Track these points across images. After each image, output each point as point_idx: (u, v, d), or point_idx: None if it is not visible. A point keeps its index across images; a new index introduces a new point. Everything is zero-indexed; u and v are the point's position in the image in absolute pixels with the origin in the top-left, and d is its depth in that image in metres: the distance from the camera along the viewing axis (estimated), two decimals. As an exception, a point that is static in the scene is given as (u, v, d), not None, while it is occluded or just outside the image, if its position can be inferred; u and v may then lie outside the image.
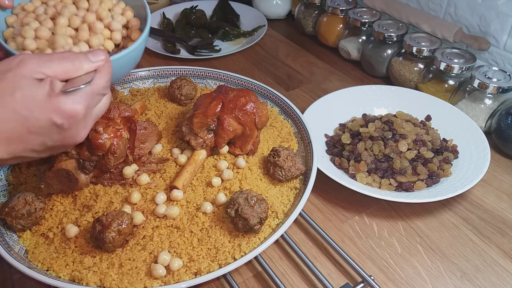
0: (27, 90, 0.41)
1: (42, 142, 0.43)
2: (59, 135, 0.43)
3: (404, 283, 0.54)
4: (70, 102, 0.42)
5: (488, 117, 0.74)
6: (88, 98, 0.44)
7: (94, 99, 0.45)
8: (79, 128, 0.44)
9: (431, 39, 0.84)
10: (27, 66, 0.42)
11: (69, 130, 0.43)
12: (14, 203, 0.54)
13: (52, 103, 0.41)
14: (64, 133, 0.43)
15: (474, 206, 0.64)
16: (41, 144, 0.43)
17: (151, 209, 0.57)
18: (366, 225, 0.61)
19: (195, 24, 1.07)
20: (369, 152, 0.67)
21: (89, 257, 0.52)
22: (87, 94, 0.44)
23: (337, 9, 0.97)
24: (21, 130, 0.41)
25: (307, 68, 0.96)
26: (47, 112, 0.41)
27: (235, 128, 0.64)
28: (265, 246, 0.52)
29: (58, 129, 0.42)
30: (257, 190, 0.60)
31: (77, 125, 0.44)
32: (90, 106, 0.45)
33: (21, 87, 0.41)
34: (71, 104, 0.42)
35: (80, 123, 0.44)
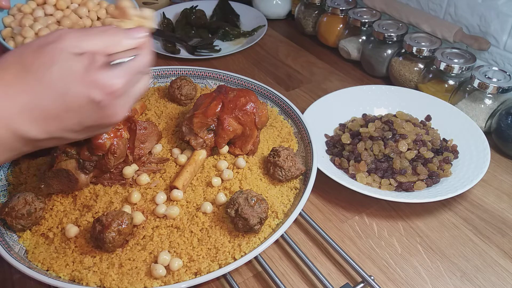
0: (65, 64, 0.39)
1: (79, 121, 0.40)
2: (97, 114, 0.41)
3: (404, 283, 0.54)
4: (110, 77, 0.40)
5: (488, 117, 0.74)
6: (129, 74, 0.42)
7: (135, 76, 0.43)
8: (117, 107, 0.42)
9: (431, 39, 0.84)
10: (65, 40, 0.40)
11: (107, 108, 0.41)
12: (14, 203, 0.54)
13: (91, 77, 0.39)
14: (102, 112, 0.41)
15: (474, 206, 0.64)
16: (78, 123, 0.41)
17: (151, 209, 0.57)
18: (366, 225, 0.61)
19: (195, 24, 1.07)
20: (369, 152, 0.67)
21: (89, 257, 0.52)
22: (129, 70, 0.42)
23: (337, 9, 0.97)
24: (58, 107, 0.39)
25: (307, 68, 0.96)
26: (86, 87, 0.39)
27: (235, 128, 0.64)
28: (265, 246, 0.52)
29: (96, 106, 0.40)
30: (257, 190, 0.60)
31: (116, 103, 0.41)
32: (131, 83, 0.42)
33: (58, 61, 0.39)
34: (111, 79, 0.40)
35: (119, 101, 0.41)
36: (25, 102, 0.38)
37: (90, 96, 0.39)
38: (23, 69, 0.39)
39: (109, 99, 0.40)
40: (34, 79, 0.38)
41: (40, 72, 0.38)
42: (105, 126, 0.43)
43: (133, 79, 0.43)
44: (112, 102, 0.41)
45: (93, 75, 0.39)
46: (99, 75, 0.39)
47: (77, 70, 0.39)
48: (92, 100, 0.39)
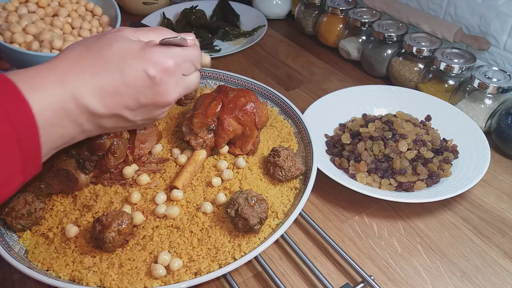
0: (124, 44, 0.43)
1: (135, 97, 0.43)
2: (152, 90, 0.44)
3: (404, 283, 0.54)
4: (164, 55, 0.44)
5: (488, 117, 0.74)
6: (180, 57, 0.45)
7: (185, 63, 0.47)
8: (169, 86, 0.45)
9: (431, 39, 0.84)
10: (125, 31, 0.46)
11: (161, 85, 0.44)
12: (14, 203, 0.54)
13: (146, 55, 0.43)
14: (156, 88, 0.44)
15: (474, 206, 0.64)
16: (135, 99, 0.43)
17: (151, 209, 0.57)
18: (366, 225, 0.61)
19: (195, 24, 1.07)
20: (369, 152, 0.67)
21: (89, 257, 0.52)
22: (178, 54, 0.45)
23: (337, 9, 0.97)
24: (117, 82, 0.42)
25: (307, 68, 0.96)
26: (142, 62, 0.43)
27: (235, 128, 0.64)
28: (265, 246, 0.52)
29: (151, 82, 0.43)
30: (257, 190, 0.60)
31: (167, 81, 0.44)
32: (181, 67, 0.46)
33: (118, 41, 0.43)
34: (164, 57, 0.44)
35: (170, 79, 0.45)
36: (88, 76, 0.41)
37: (145, 71, 0.43)
38: (87, 49, 0.43)
39: (162, 75, 0.44)
40: (96, 56, 0.42)
41: (102, 50, 0.43)
42: (159, 105, 0.46)
43: (184, 65, 0.47)
44: (165, 79, 0.44)
45: (148, 53, 0.43)
46: (153, 53, 0.44)
47: (134, 48, 0.44)
48: (147, 75, 0.43)
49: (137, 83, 0.43)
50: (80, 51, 0.43)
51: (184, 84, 0.48)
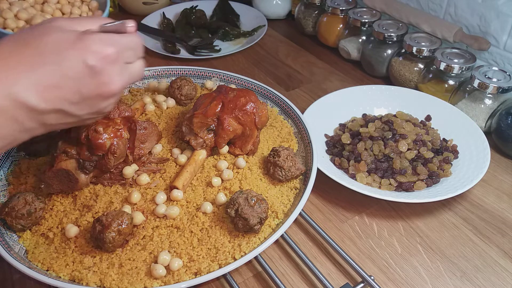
0: (58, 33, 0.41)
1: (77, 89, 0.41)
2: (93, 80, 0.42)
3: (404, 283, 0.54)
4: (102, 42, 0.42)
5: (488, 117, 0.74)
6: (119, 44, 0.43)
7: (126, 50, 0.44)
8: (112, 74, 0.43)
9: (431, 39, 0.84)
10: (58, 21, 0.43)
11: (102, 74, 0.42)
12: (14, 203, 0.54)
13: (83, 43, 0.41)
14: (98, 78, 0.42)
15: (474, 206, 0.64)
16: (77, 92, 0.41)
17: (151, 209, 0.57)
18: (366, 225, 0.61)
19: (195, 24, 1.07)
20: (369, 152, 0.67)
21: (89, 257, 0.52)
22: (118, 41, 0.43)
23: (337, 9, 0.97)
24: (56, 74, 0.40)
25: (307, 68, 0.96)
26: (79, 52, 0.41)
27: (235, 128, 0.64)
28: (265, 246, 0.52)
29: (91, 71, 0.41)
30: (257, 190, 0.60)
31: (110, 69, 0.42)
32: (123, 55, 0.44)
33: (51, 32, 0.41)
34: (103, 44, 0.42)
35: (113, 67, 0.42)
36: (22, 70, 0.39)
37: (84, 60, 0.40)
38: (20, 43, 0.41)
39: (103, 63, 0.41)
40: (30, 49, 0.40)
41: (36, 42, 0.40)
42: (103, 96, 0.43)
43: (125, 53, 0.44)
44: (107, 68, 0.42)
45: (85, 41, 0.41)
46: (91, 41, 0.41)
47: (70, 38, 0.41)
48: (86, 65, 0.41)
49: (76, 74, 0.41)
50: (13, 46, 0.41)
51: (129, 73, 0.45)
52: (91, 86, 0.42)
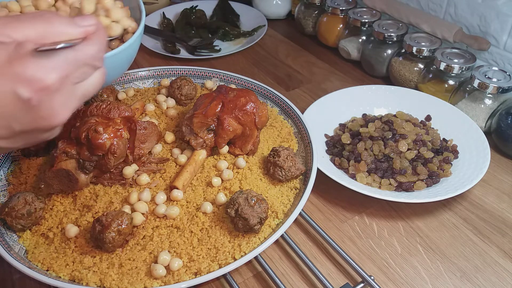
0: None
1: (7, 124, 0.33)
2: (29, 115, 0.33)
3: (404, 283, 0.54)
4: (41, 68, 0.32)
5: (488, 117, 0.74)
6: (67, 65, 0.34)
7: (77, 69, 0.35)
8: (54, 106, 0.33)
9: (431, 39, 0.84)
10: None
11: (40, 108, 0.32)
12: (14, 203, 0.54)
13: (14, 69, 0.31)
14: (34, 112, 0.33)
15: (474, 206, 0.64)
16: (6, 128, 0.33)
17: (151, 209, 0.57)
18: (366, 225, 0.61)
19: (195, 24, 1.07)
20: (369, 152, 0.67)
21: (89, 257, 0.52)
22: (66, 60, 0.34)
23: (337, 9, 0.97)
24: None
25: (307, 68, 0.96)
26: (8, 80, 0.31)
27: (235, 128, 0.64)
28: (265, 246, 0.52)
29: (26, 105, 0.32)
30: (257, 190, 0.60)
31: (50, 100, 0.33)
32: (71, 77, 0.34)
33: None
34: (40, 71, 0.32)
35: (55, 98, 0.33)
36: None
37: (14, 91, 0.31)
38: None
39: (41, 96, 0.32)
40: None
41: None
42: (44, 130, 0.35)
43: (76, 72, 0.35)
44: (46, 100, 0.33)
45: (17, 66, 0.31)
46: (26, 66, 0.32)
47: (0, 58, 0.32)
48: (18, 97, 0.31)
49: (5, 108, 0.32)
50: None
51: (77, 95, 0.36)
52: (25, 121, 0.33)
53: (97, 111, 0.59)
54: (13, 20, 0.33)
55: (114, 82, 0.79)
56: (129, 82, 0.81)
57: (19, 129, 0.33)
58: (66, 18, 0.35)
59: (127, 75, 0.81)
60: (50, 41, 0.33)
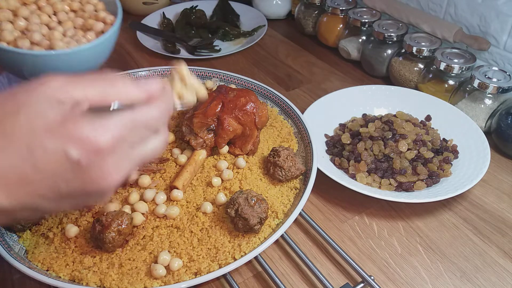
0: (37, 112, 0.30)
1: (53, 185, 0.31)
2: (77, 177, 0.31)
3: (404, 283, 0.54)
4: (93, 128, 0.30)
5: (488, 117, 0.74)
6: (124, 127, 0.32)
7: (134, 131, 0.33)
8: (105, 169, 0.31)
9: (431, 39, 0.84)
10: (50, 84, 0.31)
11: (90, 170, 0.31)
12: (14, 203, 0.54)
13: (67, 128, 0.30)
14: (84, 174, 0.31)
15: (474, 206, 0.64)
16: (52, 188, 0.31)
17: (151, 209, 0.57)
18: (366, 225, 0.61)
19: (195, 24, 1.07)
20: (369, 152, 0.67)
21: (89, 257, 0.52)
22: (123, 122, 0.32)
23: (337, 9, 0.97)
24: (24, 167, 0.30)
25: (307, 68, 0.96)
26: (59, 139, 0.30)
27: (235, 128, 0.64)
28: (265, 246, 0.52)
29: (75, 167, 0.30)
30: (257, 190, 0.60)
31: (102, 163, 0.31)
32: (126, 140, 0.32)
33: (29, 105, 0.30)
34: (93, 131, 0.30)
35: (107, 160, 0.31)
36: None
37: (65, 151, 0.30)
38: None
39: (92, 157, 0.30)
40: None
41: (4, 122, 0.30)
42: (93, 194, 0.33)
43: (132, 135, 0.33)
44: (97, 162, 0.31)
45: (71, 125, 0.30)
46: (78, 126, 0.30)
47: (51, 119, 0.30)
48: (67, 158, 0.30)
49: (54, 167, 0.30)
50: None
51: (134, 158, 0.34)
52: (74, 182, 0.31)
53: (97, 111, 0.59)
54: (75, 79, 0.32)
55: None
56: (129, 82, 0.81)
57: (66, 191, 0.32)
58: (129, 80, 0.34)
59: (127, 75, 0.81)
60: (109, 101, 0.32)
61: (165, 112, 0.35)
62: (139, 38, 1.01)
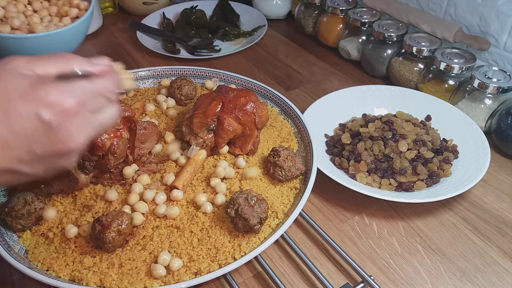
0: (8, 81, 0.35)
1: (29, 147, 0.35)
2: (49, 137, 0.36)
3: (404, 283, 0.54)
4: (60, 93, 0.36)
5: (488, 117, 0.74)
6: (84, 94, 0.37)
7: (93, 99, 0.38)
8: (72, 129, 0.36)
9: (431, 39, 0.84)
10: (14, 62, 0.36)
11: (59, 130, 0.36)
12: (14, 203, 0.54)
13: (38, 94, 0.35)
14: (54, 134, 0.36)
15: (474, 206, 0.64)
16: (28, 151, 0.36)
17: (151, 209, 0.57)
18: (366, 225, 0.61)
19: (195, 24, 1.07)
20: (369, 152, 0.67)
21: (89, 257, 0.52)
22: (83, 89, 0.37)
23: (337, 9, 0.97)
24: (2, 132, 0.34)
25: (307, 68, 0.96)
26: (31, 104, 0.35)
27: (235, 128, 0.64)
28: (265, 246, 0.52)
29: (46, 127, 0.35)
30: (257, 190, 0.60)
31: (68, 124, 0.36)
32: (87, 105, 0.38)
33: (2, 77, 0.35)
34: (60, 95, 0.36)
35: (72, 122, 0.36)
36: None
37: (37, 114, 0.34)
38: None
39: (60, 118, 0.35)
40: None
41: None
42: (62, 154, 0.37)
43: (91, 102, 0.38)
44: (65, 123, 0.36)
45: (41, 91, 0.35)
46: (47, 91, 0.35)
47: (23, 86, 0.35)
48: (40, 120, 0.35)
49: (28, 131, 0.35)
50: None
51: (94, 124, 0.39)
52: (46, 144, 0.36)
53: (97, 111, 0.59)
54: (36, 59, 0.37)
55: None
56: (129, 82, 0.81)
57: (40, 152, 0.36)
58: (84, 58, 0.40)
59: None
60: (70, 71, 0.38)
61: (115, 84, 0.41)
62: (139, 38, 1.01)
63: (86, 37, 1.07)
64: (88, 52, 1.02)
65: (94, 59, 0.41)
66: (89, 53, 1.01)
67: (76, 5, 0.89)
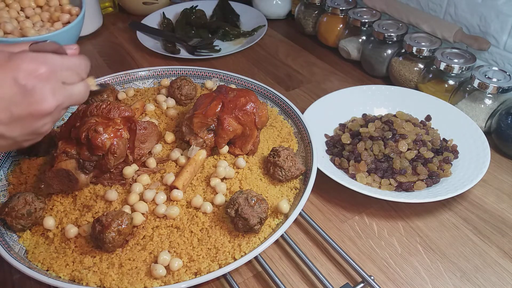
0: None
1: (7, 108, 0.40)
2: (25, 99, 0.40)
3: (404, 283, 0.54)
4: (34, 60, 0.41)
5: (488, 117, 0.74)
6: (55, 64, 0.43)
7: (64, 71, 0.44)
8: (45, 92, 0.41)
9: (431, 39, 0.84)
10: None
11: (34, 93, 0.41)
12: (14, 203, 0.54)
13: (14, 61, 0.40)
14: (29, 97, 0.41)
15: (474, 206, 0.64)
16: (6, 112, 0.40)
17: (151, 209, 0.57)
18: (366, 225, 0.61)
19: (195, 24, 1.07)
20: (369, 152, 0.67)
21: (89, 257, 0.52)
22: (54, 60, 0.43)
23: (337, 9, 0.97)
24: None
25: (307, 68, 0.96)
26: (9, 70, 0.40)
27: (235, 128, 0.64)
28: (265, 246, 0.52)
29: (22, 90, 0.40)
30: (257, 190, 0.60)
31: (42, 87, 0.41)
32: (58, 74, 0.43)
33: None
34: (34, 62, 0.41)
35: (45, 85, 0.41)
36: None
37: (14, 79, 0.40)
38: None
39: (35, 81, 0.41)
40: None
41: None
42: (36, 115, 0.42)
43: (62, 73, 0.44)
44: (39, 85, 0.41)
45: (17, 60, 0.41)
46: (23, 59, 0.41)
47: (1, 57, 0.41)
48: (16, 84, 0.40)
49: (6, 94, 0.40)
50: None
51: (66, 93, 0.44)
52: (22, 105, 0.41)
53: (97, 111, 0.59)
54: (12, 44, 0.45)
55: (115, 82, 0.79)
56: (129, 82, 0.81)
57: (17, 113, 0.41)
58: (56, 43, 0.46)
59: (127, 75, 0.81)
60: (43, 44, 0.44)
61: (83, 64, 0.47)
62: (139, 38, 1.01)
63: (86, 37, 1.07)
64: (88, 52, 1.02)
65: (67, 46, 0.47)
66: (89, 53, 1.01)
67: (67, 10, 0.92)
